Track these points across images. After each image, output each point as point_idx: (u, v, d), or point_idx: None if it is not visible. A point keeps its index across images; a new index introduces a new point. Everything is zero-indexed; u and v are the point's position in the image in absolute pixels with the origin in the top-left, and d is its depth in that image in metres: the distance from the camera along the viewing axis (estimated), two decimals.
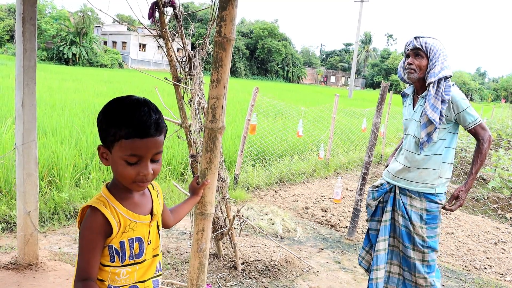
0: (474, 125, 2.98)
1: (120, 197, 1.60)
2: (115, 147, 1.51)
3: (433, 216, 3.05)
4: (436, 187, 3.04)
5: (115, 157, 1.52)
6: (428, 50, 2.99)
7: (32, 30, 3.22)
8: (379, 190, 3.28)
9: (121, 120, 1.48)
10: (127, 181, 1.55)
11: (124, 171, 1.52)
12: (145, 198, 1.71)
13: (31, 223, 3.50)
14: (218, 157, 1.88)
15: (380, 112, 5.13)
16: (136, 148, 1.49)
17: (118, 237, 1.57)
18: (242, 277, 4.00)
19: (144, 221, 1.65)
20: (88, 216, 1.54)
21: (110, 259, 1.59)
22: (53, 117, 8.59)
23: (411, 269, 3.12)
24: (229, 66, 1.83)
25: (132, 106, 1.51)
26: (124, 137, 1.48)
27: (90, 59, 49.21)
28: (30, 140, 3.36)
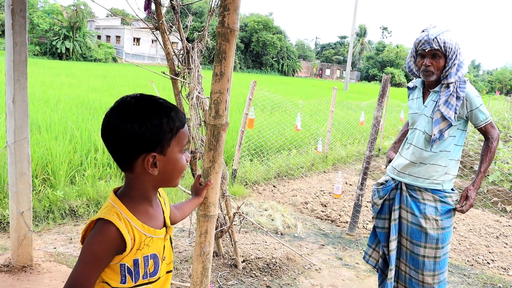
0: (485, 124, 2.89)
1: (134, 209, 1.44)
2: (172, 143, 1.43)
3: (448, 208, 2.95)
4: (443, 183, 2.94)
5: (173, 155, 1.44)
6: (446, 50, 2.84)
7: (22, 22, 3.09)
8: (384, 187, 3.17)
9: (171, 114, 1.41)
10: (179, 175, 1.51)
11: (182, 164, 1.48)
12: (158, 208, 1.55)
13: (24, 223, 3.38)
14: (221, 156, 1.77)
15: (381, 105, 5.03)
16: (187, 135, 1.48)
17: (131, 255, 1.40)
18: (243, 275, 3.91)
19: (160, 236, 1.49)
20: (98, 228, 1.35)
21: (120, 280, 1.41)
22: (46, 113, 8.44)
23: (419, 267, 3.01)
24: (233, 58, 1.71)
25: (158, 100, 1.44)
26: (181, 127, 1.44)
27: (84, 53, 48.80)
28: (22, 138, 3.24)
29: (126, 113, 1.38)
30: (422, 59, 2.93)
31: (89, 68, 30.88)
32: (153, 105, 1.40)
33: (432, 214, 2.95)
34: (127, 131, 1.36)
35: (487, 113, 2.90)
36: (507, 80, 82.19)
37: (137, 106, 1.39)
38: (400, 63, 77.11)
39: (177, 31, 3.24)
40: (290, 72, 76.60)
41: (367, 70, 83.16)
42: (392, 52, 78.93)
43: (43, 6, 50.36)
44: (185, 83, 3.24)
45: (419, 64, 2.96)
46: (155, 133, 1.37)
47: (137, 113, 1.37)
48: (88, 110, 9.80)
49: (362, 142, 11.44)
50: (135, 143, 1.37)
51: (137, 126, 1.35)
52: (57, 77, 19.18)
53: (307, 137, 9.94)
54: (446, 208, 2.95)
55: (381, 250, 3.24)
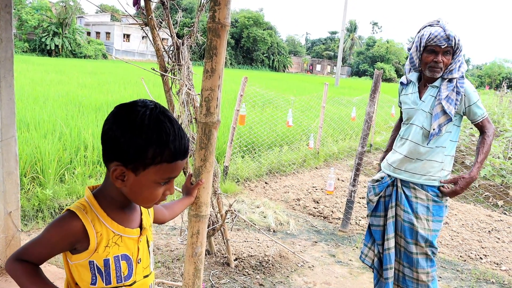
0: (482, 119, 2.89)
1: (106, 206, 1.40)
2: (148, 170, 1.32)
3: (439, 207, 2.93)
4: (439, 179, 2.93)
5: (144, 181, 1.34)
6: (458, 47, 2.83)
7: (7, 18, 3.02)
8: (380, 184, 3.14)
9: (164, 141, 1.30)
10: (150, 203, 1.41)
11: (152, 194, 1.37)
12: (135, 211, 1.51)
13: (12, 224, 3.31)
14: (213, 154, 1.72)
15: (373, 101, 5.01)
16: (176, 170, 1.36)
17: (101, 253, 1.37)
18: (235, 273, 3.87)
19: (131, 235, 1.45)
20: (62, 217, 1.35)
21: (91, 280, 1.39)
22: (35, 110, 8.35)
23: (413, 265, 2.99)
24: (224, 54, 1.67)
25: (164, 121, 1.32)
26: (167, 161, 1.32)
27: (73, 50, 48.43)
28: (9, 136, 3.17)
29: (123, 116, 1.33)
30: (433, 55, 2.84)
31: (78, 65, 30.64)
32: (153, 123, 1.31)
33: (424, 213, 2.93)
34: (112, 132, 1.32)
35: (483, 108, 2.90)
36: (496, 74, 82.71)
37: (137, 116, 1.31)
38: (391, 58, 77.38)
39: (166, 27, 3.19)
40: (281, 68, 76.56)
41: (357, 66, 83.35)
42: (382, 47, 79.13)
43: (31, 2, 49.85)
44: (176, 80, 3.20)
45: (428, 59, 2.86)
46: (134, 150, 1.30)
47: (130, 122, 1.31)
48: (77, 107, 9.70)
49: (353, 137, 11.43)
50: (112, 148, 1.33)
51: (121, 133, 1.30)
52: (46, 74, 19.00)
53: (299, 133, 9.92)
54: (438, 208, 2.93)
55: (376, 249, 3.21)
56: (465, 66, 2.90)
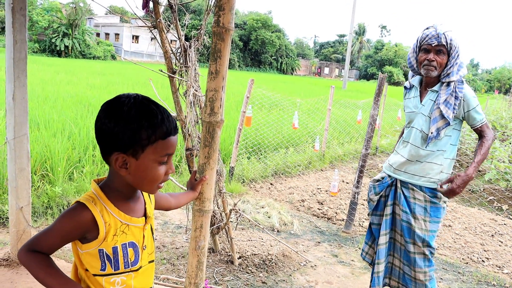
0: (481, 124, 2.94)
1: (112, 197, 1.50)
2: (147, 150, 1.43)
3: (437, 208, 2.99)
4: (438, 182, 2.99)
5: (146, 162, 1.44)
6: (451, 47, 2.89)
7: (22, 20, 3.13)
8: (380, 184, 3.22)
9: (154, 121, 1.41)
10: (154, 185, 1.49)
11: (156, 174, 1.46)
12: (139, 201, 1.61)
13: (23, 218, 3.42)
14: (216, 152, 1.81)
15: (377, 104, 5.08)
16: (171, 146, 1.46)
17: (109, 241, 1.47)
18: (239, 271, 3.95)
19: (137, 224, 1.55)
20: (73, 208, 1.45)
21: (100, 267, 1.48)
22: (45, 110, 8.48)
23: (411, 264, 3.08)
24: (227, 57, 1.76)
25: (149, 105, 1.44)
26: (161, 138, 1.42)
27: (82, 51, 48.78)
28: (22, 134, 3.28)
29: (111, 109, 1.44)
30: (426, 53, 2.95)
31: (88, 66, 30.87)
32: (140, 108, 1.42)
33: (421, 214, 3.00)
34: (105, 126, 1.42)
35: (482, 114, 2.95)
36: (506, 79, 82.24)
37: (124, 105, 1.42)
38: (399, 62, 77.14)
39: (174, 29, 3.28)
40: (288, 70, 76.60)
41: (365, 69, 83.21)
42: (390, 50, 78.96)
43: (42, 3, 50.33)
44: (183, 81, 3.29)
45: (422, 59, 2.97)
46: (129, 135, 1.40)
47: (119, 112, 1.41)
48: (86, 107, 9.83)
49: (359, 140, 11.48)
50: (109, 140, 1.43)
51: (114, 124, 1.40)
52: (56, 75, 19.19)
53: (305, 135, 9.98)
54: (436, 209, 2.99)
55: (376, 246, 3.29)
56: (464, 71, 2.95)
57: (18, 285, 3.23)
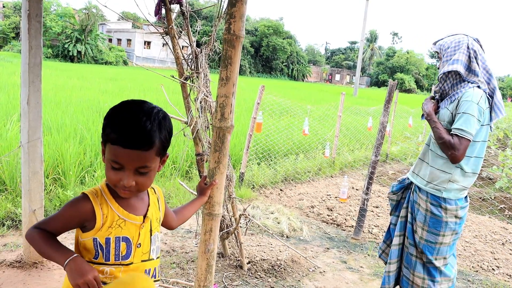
0: (456, 133, 2.72)
1: (115, 194, 1.61)
2: (106, 147, 1.53)
3: (437, 221, 2.89)
4: (444, 191, 2.87)
5: (106, 157, 1.55)
6: (441, 51, 2.95)
7: (37, 27, 3.20)
8: (398, 184, 3.24)
9: (114, 123, 1.50)
10: (110, 183, 1.58)
11: (108, 173, 1.55)
12: (142, 202, 1.71)
13: (36, 221, 3.47)
14: (226, 157, 1.84)
15: (387, 111, 5.08)
16: (118, 156, 1.49)
17: (104, 231, 1.58)
18: (248, 276, 3.97)
19: (134, 221, 1.64)
20: (76, 198, 1.59)
21: (94, 255, 1.59)
22: (58, 115, 8.58)
23: (411, 267, 3.07)
24: (238, 64, 1.79)
25: (132, 112, 1.51)
26: (110, 141, 1.49)
27: (95, 56, 49.27)
28: (36, 138, 3.34)
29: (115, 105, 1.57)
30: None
31: (100, 71, 31.16)
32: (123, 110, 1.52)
33: (421, 221, 2.98)
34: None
35: (467, 127, 2.69)
36: None
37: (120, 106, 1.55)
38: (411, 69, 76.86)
39: (186, 35, 3.33)
40: (300, 77, 76.65)
41: (377, 76, 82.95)
42: (402, 58, 78.67)
43: (56, 9, 50.92)
44: (194, 87, 3.33)
45: None
46: (103, 128, 1.53)
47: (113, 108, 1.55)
48: (98, 112, 9.92)
49: (369, 147, 11.45)
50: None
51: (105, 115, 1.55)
52: (69, 80, 19.40)
53: (315, 142, 9.99)
54: (435, 221, 2.90)
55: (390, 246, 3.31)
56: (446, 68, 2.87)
57: (31, 286, 3.28)
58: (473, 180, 2.94)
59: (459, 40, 2.89)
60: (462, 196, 2.94)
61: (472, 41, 2.89)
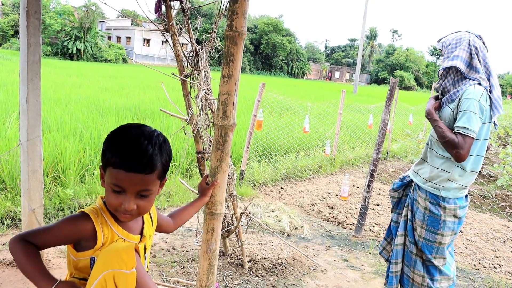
0: (459, 132, 2.67)
1: (113, 214, 1.60)
2: (106, 171, 1.52)
3: (435, 220, 2.88)
4: (442, 190, 2.85)
5: (106, 181, 1.53)
6: (443, 47, 2.93)
7: (36, 24, 3.16)
8: (399, 181, 3.23)
9: (115, 147, 1.49)
10: (111, 207, 1.56)
11: (109, 197, 1.53)
12: (136, 221, 1.71)
13: (36, 220, 3.45)
14: (228, 155, 1.82)
15: (388, 108, 5.06)
16: (120, 180, 1.48)
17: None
18: (249, 275, 3.95)
19: (132, 241, 1.64)
20: (76, 215, 1.56)
21: (88, 274, 1.55)
22: (57, 113, 8.54)
23: (411, 265, 3.07)
24: (240, 61, 1.76)
25: (133, 135, 1.51)
26: (111, 165, 1.49)
27: (94, 54, 49.18)
28: (35, 136, 3.31)
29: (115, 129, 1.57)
30: None
31: (99, 69, 31.09)
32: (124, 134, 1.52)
33: (420, 219, 2.97)
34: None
35: (470, 125, 2.65)
36: None
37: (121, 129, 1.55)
38: (410, 66, 76.85)
39: (186, 33, 3.30)
40: (299, 74, 76.59)
41: (377, 73, 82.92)
42: (402, 55, 78.66)
43: (55, 7, 50.84)
44: (194, 84, 3.30)
45: None
46: (103, 152, 1.53)
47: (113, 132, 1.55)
48: (98, 110, 9.89)
49: (370, 145, 11.44)
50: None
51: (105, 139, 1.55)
52: (68, 78, 19.35)
53: (315, 139, 9.97)
54: (434, 220, 2.89)
55: (393, 246, 3.29)
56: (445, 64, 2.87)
57: (30, 285, 3.26)
58: (473, 179, 2.91)
59: (460, 37, 2.87)
60: (462, 195, 2.91)
61: (473, 37, 2.87)
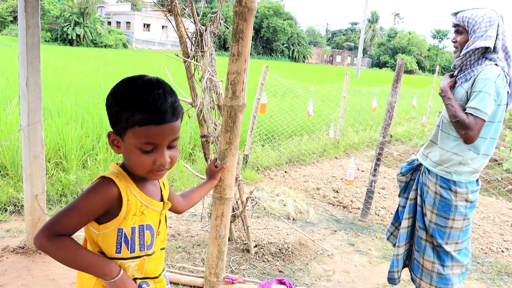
0: (471, 112, 2.59)
1: (133, 177, 1.46)
2: (127, 134, 1.36)
3: (446, 204, 2.79)
4: (454, 174, 2.76)
5: (128, 145, 1.38)
6: (467, 25, 2.72)
7: (35, 5, 3.07)
8: (407, 165, 3.14)
9: (134, 104, 1.33)
10: (142, 170, 1.41)
11: (138, 160, 1.38)
12: (155, 185, 1.57)
13: (38, 206, 3.39)
14: (238, 137, 1.74)
15: (395, 90, 4.97)
16: (152, 136, 1.35)
17: (129, 220, 1.42)
18: (255, 260, 3.90)
19: (156, 208, 1.51)
20: (98, 183, 1.40)
21: (116, 249, 1.43)
22: (58, 98, 8.46)
23: (421, 250, 2.99)
24: (250, 38, 1.68)
25: (146, 88, 1.35)
26: (138, 124, 1.33)
27: (94, 39, 48.84)
28: (36, 121, 3.23)
29: (117, 86, 1.41)
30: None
31: (100, 54, 30.90)
32: (136, 88, 1.36)
33: (430, 204, 2.88)
34: (107, 101, 1.41)
35: (482, 107, 2.56)
36: None
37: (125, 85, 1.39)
38: (412, 50, 76.29)
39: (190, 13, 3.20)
40: (300, 58, 76.13)
41: (378, 57, 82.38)
42: (404, 38, 78.03)
43: None
44: (198, 66, 3.21)
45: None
46: (114, 113, 1.37)
47: (118, 91, 1.39)
48: (99, 95, 9.80)
49: (374, 128, 11.35)
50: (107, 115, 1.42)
51: (110, 100, 1.39)
52: (69, 63, 19.22)
53: (319, 123, 9.88)
54: (445, 205, 2.80)
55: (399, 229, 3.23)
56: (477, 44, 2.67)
57: (35, 272, 3.21)
58: (486, 162, 2.82)
59: (490, 16, 2.70)
60: (473, 179, 2.82)
61: (500, 18, 2.75)
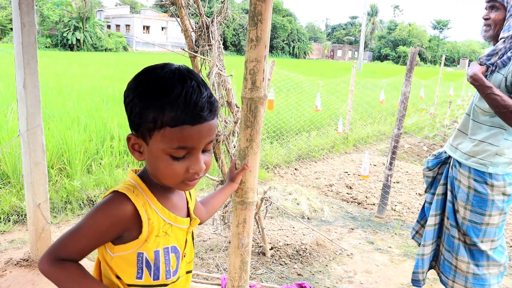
0: None
1: (154, 190, 1.20)
2: (154, 136, 1.10)
3: (482, 199, 2.56)
4: (490, 165, 2.53)
5: (154, 150, 1.12)
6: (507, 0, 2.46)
7: (29, 1, 2.87)
8: (434, 159, 2.89)
9: (164, 100, 1.06)
10: (172, 181, 1.15)
11: (168, 168, 1.12)
12: (180, 196, 1.31)
13: (42, 216, 3.20)
14: (260, 134, 1.54)
15: (409, 80, 4.76)
16: (186, 139, 1.09)
17: (151, 243, 1.17)
18: (272, 263, 3.71)
19: (182, 225, 1.25)
20: (109, 199, 1.14)
21: (136, 274, 1.19)
22: (60, 103, 8.30)
23: (453, 250, 2.73)
24: (269, 21, 1.48)
25: (175, 79, 1.08)
26: (169, 124, 1.07)
27: (94, 44, 48.72)
28: (35, 125, 3.04)
29: (137, 77, 1.14)
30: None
31: (100, 58, 30.76)
32: (163, 81, 1.09)
33: (463, 200, 2.63)
34: (126, 97, 1.14)
35: None
36: None
37: (149, 77, 1.12)
38: (413, 42, 75.89)
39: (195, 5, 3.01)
40: (301, 54, 75.87)
41: (379, 50, 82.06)
42: (404, 30, 77.70)
43: None
44: (205, 61, 3.02)
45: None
46: (137, 112, 1.11)
47: (140, 84, 1.12)
48: (101, 98, 9.64)
49: (382, 121, 11.13)
50: (127, 116, 1.15)
51: (131, 96, 1.12)
52: (69, 68, 19.09)
53: (327, 117, 9.68)
54: (480, 200, 2.56)
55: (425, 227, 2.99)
56: None
57: (40, 287, 3.02)
58: None
59: None
60: (511, 171, 2.57)
61: None
